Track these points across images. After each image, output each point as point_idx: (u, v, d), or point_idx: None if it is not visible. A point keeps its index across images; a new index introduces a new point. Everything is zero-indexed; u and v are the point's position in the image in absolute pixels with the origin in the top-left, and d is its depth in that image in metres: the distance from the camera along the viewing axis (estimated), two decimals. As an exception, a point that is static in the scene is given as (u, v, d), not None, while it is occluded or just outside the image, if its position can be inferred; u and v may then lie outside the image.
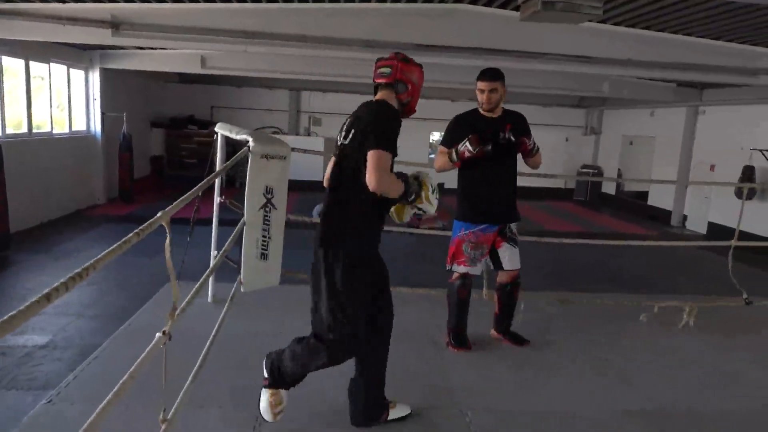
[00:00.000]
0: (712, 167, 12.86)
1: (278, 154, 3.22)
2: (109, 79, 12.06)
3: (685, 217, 14.21)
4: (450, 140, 3.53)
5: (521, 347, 3.74)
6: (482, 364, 3.55)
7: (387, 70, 2.61)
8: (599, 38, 7.28)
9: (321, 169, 16.49)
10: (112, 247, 1.40)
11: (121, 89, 12.92)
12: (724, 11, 6.15)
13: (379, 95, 2.63)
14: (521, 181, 3.75)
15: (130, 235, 1.50)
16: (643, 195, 15.83)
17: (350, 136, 2.50)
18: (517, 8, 4.73)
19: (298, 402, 2.89)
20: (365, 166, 2.36)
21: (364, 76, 11.25)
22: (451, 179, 3.92)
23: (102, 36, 6.74)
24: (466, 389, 3.20)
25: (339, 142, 2.59)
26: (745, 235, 10.42)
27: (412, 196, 2.52)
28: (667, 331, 4.20)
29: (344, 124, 2.62)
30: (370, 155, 2.36)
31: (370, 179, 2.34)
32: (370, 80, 2.74)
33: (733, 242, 4.51)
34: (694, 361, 3.72)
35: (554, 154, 17.95)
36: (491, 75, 3.47)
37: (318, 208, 12.06)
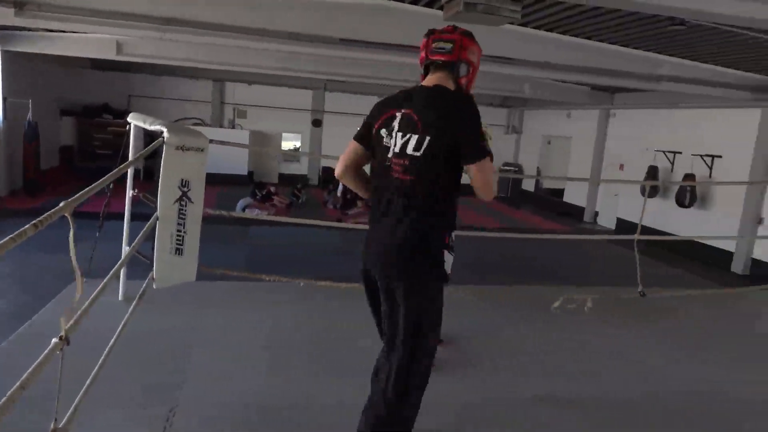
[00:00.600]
0: (621, 167, 13.71)
1: (195, 146, 3.10)
2: (12, 62, 11.17)
3: (596, 214, 15.07)
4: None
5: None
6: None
7: (448, 45, 2.12)
8: (520, 41, 7.54)
9: (246, 162, 16.22)
10: (3, 240, 1.29)
11: (26, 74, 12.01)
12: (632, 20, 6.54)
13: (434, 78, 2.12)
14: None
15: (27, 227, 1.39)
16: (560, 192, 16.64)
17: (423, 144, 1.97)
18: (441, 8, 4.81)
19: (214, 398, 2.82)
20: (449, 172, 2.02)
21: (291, 69, 11.14)
22: None
23: (3, 16, 6.23)
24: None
25: (394, 144, 2.04)
26: (648, 230, 11.24)
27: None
28: (573, 319, 4.43)
29: (387, 118, 2.08)
30: (479, 167, 1.98)
31: (486, 191, 2.03)
32: (298, 74, 2.56)
33: (636, 236, 4.82)
34: (596, 349, 3.94)
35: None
36: None
37: (243, 203, 11.78)
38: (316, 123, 17.62)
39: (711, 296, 5.70)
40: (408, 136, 2.00)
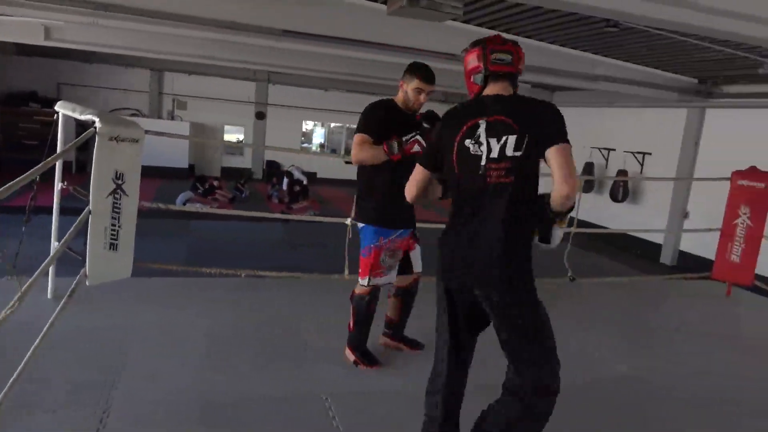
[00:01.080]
0: (560, 163, 14.17)
1: (129, 137, 2.98)
2: (-75, 44, 10.38)
3: (537, 208, 15.55)
4: (376, 129, 3.06)
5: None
6: (339, 351, 3.60)
7: (508, 57, 2.13)
8: (463, 37, 7.55)
9: (186, 155, 15.74)
10: None
11: (-59, 57, 11.18)
12: (570, 20, 6.76)
13: (499, 87, 2.13)
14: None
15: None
16: (502, 187, 17.08)
17: (524, 141, 1.99)
18: (385, 2, 4.82)
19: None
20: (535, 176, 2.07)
21: (233, 59, 10.85)
22: (331, 171, 3.82)
23: None
24: (326, 376, 3.22)
25: (488, 151, 2.03)
26: (585, 224, 11.70)
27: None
28: None
29: (468, 129, 2.07)
30: (564, 156, 1.98)
31: (566, 178, 1.96)
32: (241, 65, 2.48)
33: (573, 230, 5.02)
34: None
35: (423, 147, 18.70)
36: (433, 78, 3.23)
37: (183, 197, 11.42)
38: (260, 116, 17.29)
39: (635, 283, 6.03)
40: (505, 138, 2.01)
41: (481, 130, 2.03)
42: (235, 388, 2.97)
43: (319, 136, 19.84)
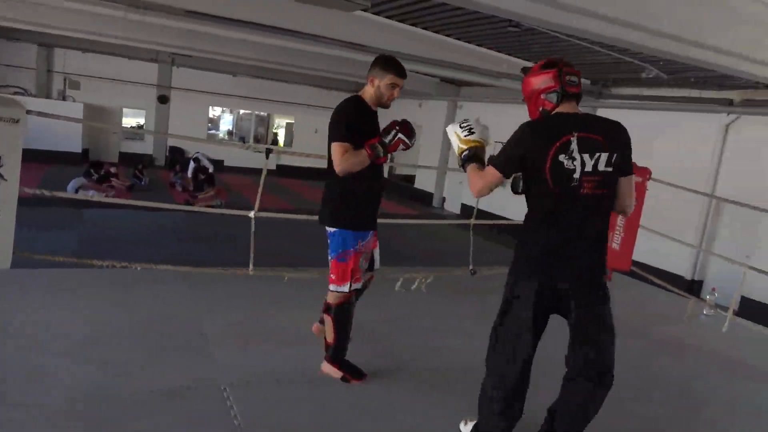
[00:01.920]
0: (466, 156, 14.69)
1: (7, 116, 2.75)
2: None
3: (444, 199, 16.04)
4: (354, 134, 2.88)
5: None
6: (242, 338, 3.55)
7: (576, 79, 2.35)
8: (372, 29, 7.70)
9: (79, 139, 14.67)
10: None
11: None
12: (475, 18, 7.02)
13: (572, 106, 2.32)
14: (302, 162, 3.70)
15: None
16: (411, 179, 17.42)
17: (613, 159, 2.22)
18: (293, -12, 4.76)
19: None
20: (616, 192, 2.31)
21: (133, 38, 10.23)
22: (239, 159, 3.65)
23: None
24: (226, 367, 3.17)
25: (582, 165, 2.18)
26: (488, 215, 12.23)
27: None
28: (410, 297, 4.72)
29: (561, 145, 2.19)
30: (630, 179, 2.33)
31: (633, 204, 2.37)
32: (141, 44, 2.32)
33: (472, 221, 5.25)
34: (428, 325, 4.24)
35: (334, 137, 18.66)
36: (405, 72, 3.07)
37: (75, 183, 10.62)
38: (163, 99, 16.45)
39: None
40: (597, 155, 2.20)
41: (574, 146, 2.18)
42: (125, 384, 2.83)
43: (227, 123, 19.22)
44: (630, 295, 5.85)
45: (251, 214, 4.12)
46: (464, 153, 2.56)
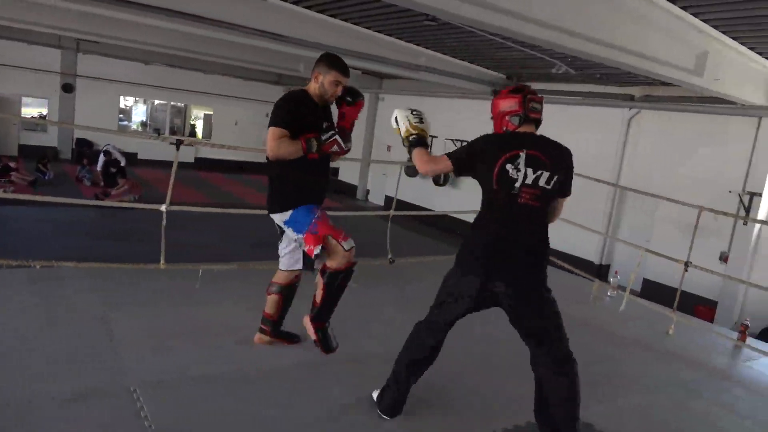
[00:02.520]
0: (389, 148, 14.84)
1: None
2: None
3: (368, 191, 16.13)
4: (292, 122, 2.92)
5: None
6: (153, 336, 3.42)
7: (539, 106, 2.65)
8: (291, 19, 7.57)
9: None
10: None
11: None
12: (393, 11, 7.06)
13: (530, 129, 2.63)
14: (223, 155, 3.58)
15: None
16: (335, 171, 17.36)
17: (553, 179, 2.54)
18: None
19: None
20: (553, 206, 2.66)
21: (30, 21, 9.48)
22: (154, 152, 3.45)
23: None
24: (135, 367, 3.04)
25: (525, 177, 2.50)
26: (411, 206, 12.46)
27: None
28: None
29: (511, 156, 2.49)
30: (563, 201, 2.71)
31: (555, 218, 2.72)
32: (41, 28, 2.10)
33: (391, 212, 5.34)
34: (348, 314, 4.25)
35: (257, 129, 18.23)
36: (349, 70, 3.10)
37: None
38: (67, 88, 15.41)
39: (451, 261, 6.54)
40: (540, 172, 2.51)
41: (521, 160, 2.50)
42: (25, 390, 2.65)
43: (140, 114, 18.32)
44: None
45: (162, 207, 3.95)
46: (412, 136, 2.80)
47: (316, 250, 2.96)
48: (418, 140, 2.79)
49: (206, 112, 18.60)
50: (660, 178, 8.89)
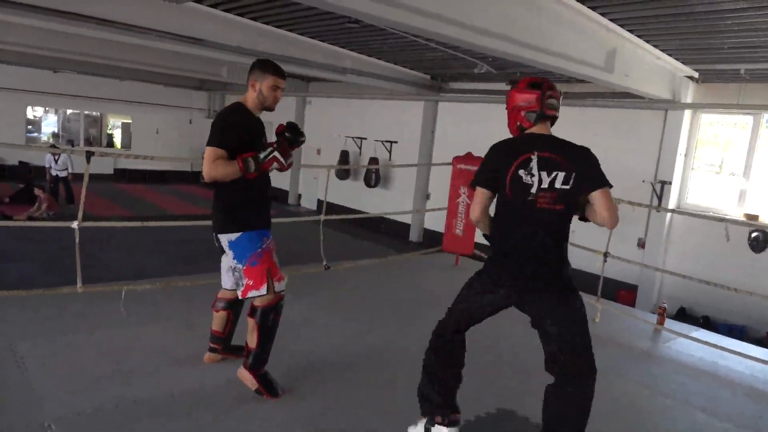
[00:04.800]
0: (319, 151, 14.71)
1: None
2: None
3: (299, 196, 15.92)
4: (231, 142, 2.78)
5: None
6: (69, 366, 3.20)
7: (556, 102, 2.53)
8: (211, 23, 7.33)
9: None
10: None
11: None
12: (315, 14, 6.98)
13: (545, 128, 2.52)
14: (145, 165, 3.38)
15: None
16: (265, 177, 17.03)
17: (571, 178, 2.39)
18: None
19: None
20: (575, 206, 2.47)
21: None
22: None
23: None
24: (50, 401, 2.82)
25: (539, 181, 2.38)
26: (343, 209, 12.41)
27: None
28: None
29: (522, 161, 2.39)
30: (604, 193, 2.40)
31: (612, 217, 2.41)
32: None
33: (322, 217, 5.26)
34: (288, 321, 4.16)
35: (179, 137, 17.58)
36: (284, 72, 2.99)
37: None
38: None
39: (384, 262, 6.58)
40: (555, 174, 2.38)
41: (534, 164, 2.39)
42: None
43: (51, 125, 17.21)
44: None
45: (74, 224, 3.69)
46: None
47: (253, 293, 2.86)
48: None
49: (124, 121, 17.74)
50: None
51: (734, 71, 7.15)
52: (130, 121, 17.48)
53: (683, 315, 7.93)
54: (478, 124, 10.94)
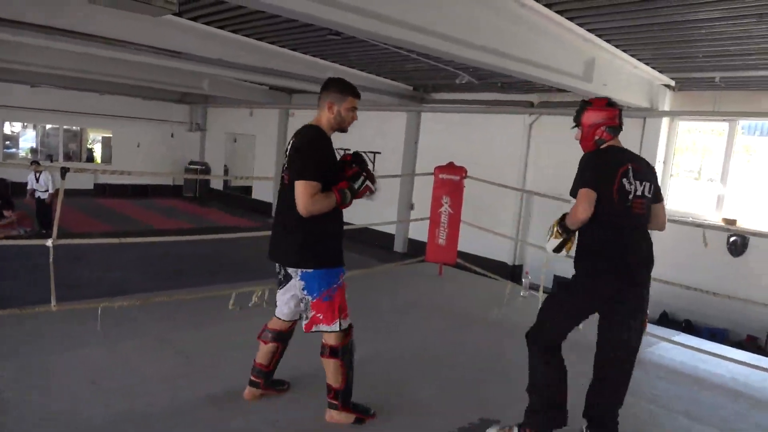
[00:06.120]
0: (302, 163, 14.68)
1: None
2: None
3: (284, 208, 15.86)
4: (323, 173, 2.72)
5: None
6: (41, 387, 3.12)
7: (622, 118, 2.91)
8: (190, 35, 7.29)
9: None
10: None
11: None
12: (296, 26, 6.98)
13: (617, 140, 2.89)
14: (126, 179, 3.30)
15: None
16: (249, 190, 16.94)
17: (651, 188, 2.81)
18: (87, -11, 4.29)
19: None
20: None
21: None
22: None
23: None
24: (18, 426, 2.75)
25: (635, 189, 2.73)
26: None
27: None
28: (245, 313, 4.54)
29: (624, 171, 2.73)
30: (663, 204, 2.98)
31: (665, 222, 2.99)
32: None
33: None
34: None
35: (161, 150, 17.44)
36: (359, 92, 2.96)
37: None
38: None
39: (370, 273, 6.55)
40: (644, 183, 2.77)
41: (631, 173, 2.73)
42: None
43: (29, 140, 16.98)
44: (458, 284, 6.27)
45: (49, 242, 3.60)
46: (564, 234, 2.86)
47: (322, 327, 2.80)
48: (566, 229, 2.83)
49: (105, 135, 17.57)
50: (561, 179, 9.34)
51: (709, 79, 7.28)
52: (111, 135, 17.31)
53: (666, 319, 8.00)
54: (460, 134, 11.00)
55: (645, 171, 2.81)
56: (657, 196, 2.87)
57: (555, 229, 2.85)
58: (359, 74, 10.15)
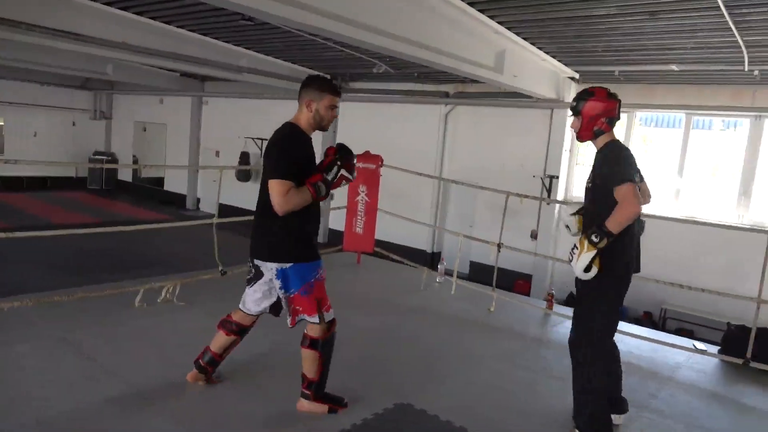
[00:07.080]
0: (217, 153, 14.22)
1: None
2: None
3: (199, 200, 15.29)
4: (295, 172, 2.68)
5: None
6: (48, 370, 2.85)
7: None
8: (92, 17, 6.82)
9: None
10: None
11: None
12: (206, 9, 6.69)
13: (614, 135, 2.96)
14: (22, 171, 2.99)
15: None
16: (160, 181, 16.18)
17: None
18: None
19: None
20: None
21: None
22: None
23: None
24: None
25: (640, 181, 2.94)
26: (246, 212, 12.03)
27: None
28: (154, 310, 4.36)
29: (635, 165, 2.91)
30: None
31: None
32: None
33: (215, 220, 5.09)
34: (187, 331, 3.96)
35: (62, 140, 16.26)
36: (339, 90, 2.89)
37: None
38: None
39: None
40: (640, 173, 2.95)
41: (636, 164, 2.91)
42: None
43: None
44: (376, 273, 6.33)
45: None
46: (600, 242, 2.75)
47: (304, 317, 2.81)
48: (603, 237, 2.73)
49: (-4, 123, 16.13)
50: (476, 167, 9.67)
51: (609, 72, 7.74)
52: (2, 124, 15.91)
53: (572, 300, 8.48)
54: (378, 124, 11.06)
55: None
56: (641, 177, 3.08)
57: (585, 243, 2.73)
58: (275, 62, 9.93)
